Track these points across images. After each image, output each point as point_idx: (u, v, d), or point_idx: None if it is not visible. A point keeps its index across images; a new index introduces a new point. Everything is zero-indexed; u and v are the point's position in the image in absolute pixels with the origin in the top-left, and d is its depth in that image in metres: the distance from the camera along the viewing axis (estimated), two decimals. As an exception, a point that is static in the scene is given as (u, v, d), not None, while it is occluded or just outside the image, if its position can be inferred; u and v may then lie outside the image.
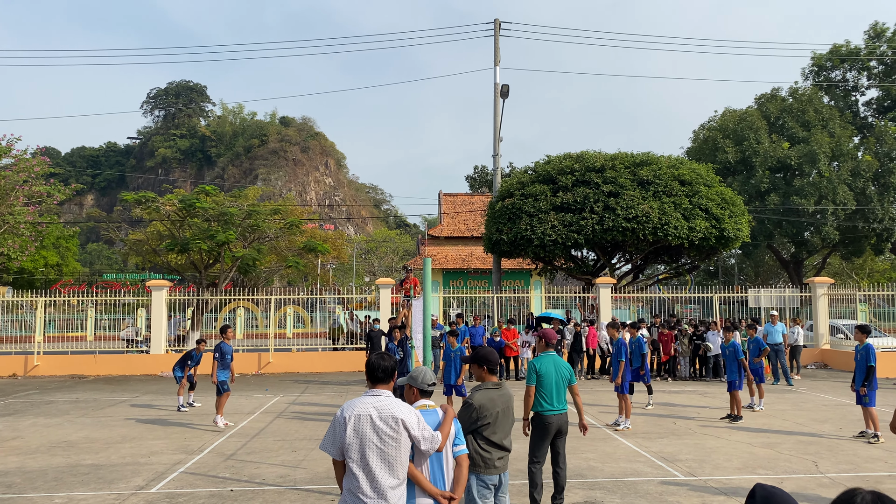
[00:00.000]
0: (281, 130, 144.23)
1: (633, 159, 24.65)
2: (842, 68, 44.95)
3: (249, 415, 13.88)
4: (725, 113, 43.49)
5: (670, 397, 16.16)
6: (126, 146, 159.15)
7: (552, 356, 7.31)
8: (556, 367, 7.21)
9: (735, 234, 23.81)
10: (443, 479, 4.43)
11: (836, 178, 38.01)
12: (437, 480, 4.42)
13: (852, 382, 11.34)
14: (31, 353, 22.31)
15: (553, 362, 7.24)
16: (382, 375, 4.33)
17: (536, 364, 7.23)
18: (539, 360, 7.30)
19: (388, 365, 4.34)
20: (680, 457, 9.94)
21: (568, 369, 7.31)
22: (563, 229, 23.21)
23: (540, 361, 7.28)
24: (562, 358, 7.44)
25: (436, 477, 4.42)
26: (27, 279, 55.33)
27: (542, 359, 7.32)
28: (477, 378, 5.52)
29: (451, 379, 13.00)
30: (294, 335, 35.74)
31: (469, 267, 36.56)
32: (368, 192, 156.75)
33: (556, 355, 7.35)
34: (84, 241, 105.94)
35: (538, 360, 7.31)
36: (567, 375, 7.26)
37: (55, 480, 8.80)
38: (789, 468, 9.23)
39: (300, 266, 30.61)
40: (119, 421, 13.26)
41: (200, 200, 26.06)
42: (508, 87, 26.93)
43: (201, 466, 9.50)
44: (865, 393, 10.91)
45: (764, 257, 51.93)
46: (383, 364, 4.34)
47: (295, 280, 63.31)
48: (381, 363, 4.34)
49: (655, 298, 26.48)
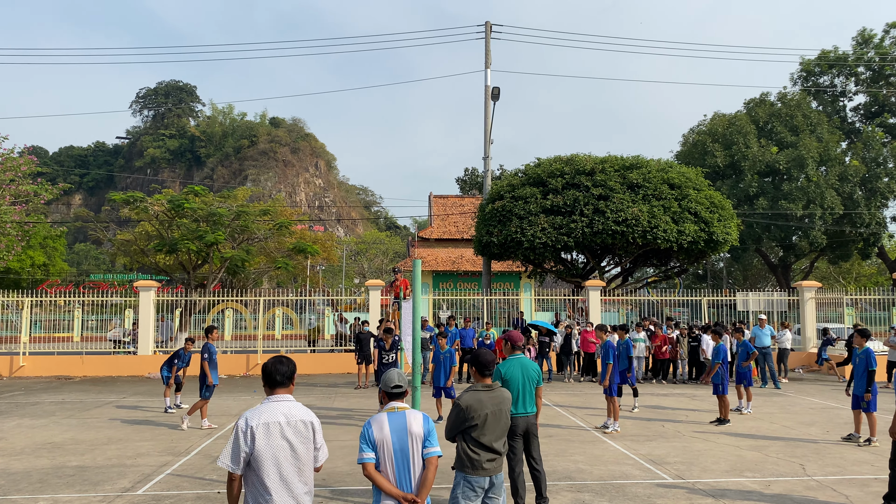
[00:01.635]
0: (271, 131, 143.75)
1: (623, 163, 24.74)
2: (830, 74, 45.35)
3: (237, 416, 13.80)
4: (715, 117, 43.76)
5: (659, 400, 16.20)
6: (115, 146, 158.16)
7: (519, 358, 7.26)
8: (522, 369, 7.17)
9: (724, 237, 23.93)
10: (409, 480, 4.43)
11: (824, 182, 38.30)
12: (403, 482, 4.42)
13: (847, 387, 11.34)
14: (17, 354, 22.10)
15: (520, 365, 7.20)
16: (281, 379, 4.27)
17: (502, 368, 7.17)
18: (505, 364, 7.24)
19: (287, 369, 4.31)
20: (668, 459, 9.96)
21: (536, 370, 7.26)
22: (553, 232, 23.25)
23: (506, 365, 7.22)
24: (529, 359, 7.40)
25: (402, 478, 4.42)
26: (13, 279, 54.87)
27: (508, 362, 7.26)
28: (475, 379, 5.52)
29: (441, 381, 12.98)
30: (283, 336, 35.59)
31: (459, 269, 36.57)
32: (359, 193, 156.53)
33: (523, 357, 7.30)
34: (71, 241, 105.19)
35: (505, 363, 7.25)
36: (535, 377, 7.22)
37: (40, 482, 8.71)
38: (777, 471, 9.26)
39: (289, 267, 30.50)
40: (105, 422, 13.15)
41: (189, 201, 25.93)
42: (499, 89, 26.98)
43: (188, 468, 9.43)
44: (870, 398, 10.88)
45: (752, 261, 52.25)
46: (281, 368, 4.28)
47: (284, 281, 63.07)
48: (279, 367, 4.28)
49: (644, 301, 26.55)
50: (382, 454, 4.43)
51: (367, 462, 4.41)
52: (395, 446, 4.43)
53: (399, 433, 4.46)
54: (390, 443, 4.43)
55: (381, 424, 4.48)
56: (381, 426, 4.47)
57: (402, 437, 4.46)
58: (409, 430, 4.49)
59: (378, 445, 4.43)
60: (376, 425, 4.48)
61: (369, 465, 4.41)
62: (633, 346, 14.14)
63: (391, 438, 4.44)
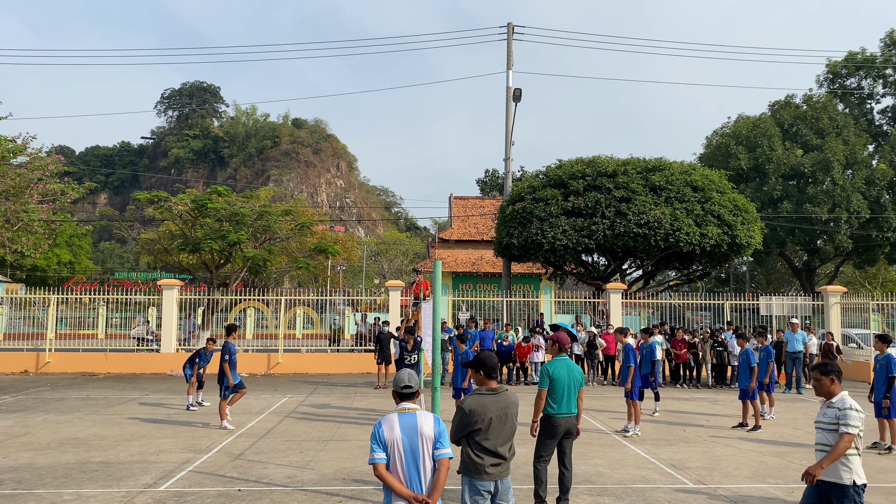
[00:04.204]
0: (293, 132, 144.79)
1: (646, 165, 24.55)
2: (857, 76, 44.64)
3: (258, 415, 13.90)
4: (739, 119, 43.28)
5: (680, 404, 16.06)
6: (139, 146, 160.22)
7: (565, 360, 7.40)
8: (568, 370, 7.32)
9: (747, 241, 23.67)
10: (419, 481, 4.44)
11: (850, 186, 37.73)
12: (413, 483, 4.43)
13: (870, 393, 11.14)
14: (43, 350, 22.44)
15: (566, 366, 7.35)
16: None
17: (550, 368, 7.31)
18: (552, 364, 7.37)
19: None
20: (689, 464, 9.87)
21: (580, 373, 7.44)
22: (574, 234, 23.14)
23: (553, 365, 7.35)
24: (573, 361, 7.51)
25: (412, 479, 4.43)
26: (40, 276, 55.80)
27: (555, 362, 7.40)
28: (477, 382, 5.38)
29: (459, 382, 13.02)
30: (303, 336, 35.78)
31: (479, 270, 36.54)
32: (379, 194, 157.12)
33: (568, 359, 7.43)
34: (97, 239, 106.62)
35: (552, 363, 7.37)
36: (578, 379, 7.38)
37: (65, 477, 8.84)
38: (800, 477, 9.13)
39: (310, 267, 30.67)
40: (128, 419, 13.31)
41: (212, 201, 26.18)
42: (521, 90, 26.92)
43: (209, 466, 9.52)
44: (888, 405, 10.71)
45: (776, 265, 51.61)
46: None
47: (305, 281, 63.43)
48: None
49: (666, 305, 26.35)
50: (393, 454, 4.44)
51: (378, 462, 4.43)
52: (405, 447, 4.44)
53: (409, 434, 4.47)
54: (401, 443, 4.44)
55: (391, 425, 4.49)
56: (391, 426, 4.49)
57: (412, 438, 4.46)
58: (420, 431, 4.49)
59: (389, 446, 4.45)
60: (387, 425, 4.49)
61: (380, 466, 4.43)
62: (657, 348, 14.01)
63: (402, 439, 4.45)
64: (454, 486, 7.86)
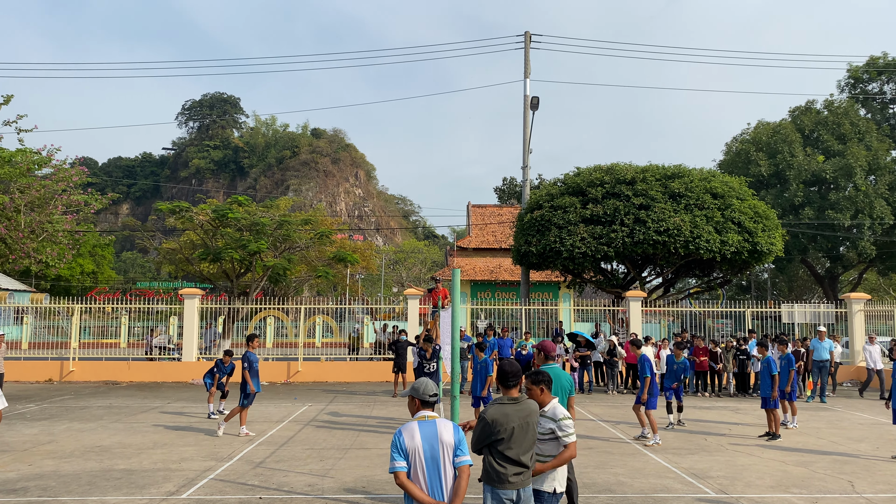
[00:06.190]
0: (312, 142, 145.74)
1: (665, 172, 24.43)
2: (879, 80, 44.15)
3: (278, 423, 13.99)
4: (759, 125, 42.97)
5: (701, 413, 15.92)
6: (161, 157, 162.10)
7: (553, 368, 7.24)
8: (556, 379, 7.13)
9: (768, 248, 23.45)
10: (441, 489, 4.45)
11: (873, 191, 37.28)
12: (435, 490, 4.44)
13: (888, 400, 11.00)
14: (67, 359, 22.74)
15: (554, 374, 7.13)
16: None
17: None
18: None
19: None
20: (711, 473, 9.79)
21: (569, 381, 7.25)
22: (593, 242, 23.06)
23: None
24: (561, 369, 7.38)
25: (433, 487, 4.44)
26: (64, 286, 56.60)
27: None
28: (501, 392, 5.38)
29: (478, 391, 13.01)
30: (323, 344, 35.93)
31: (497, 279, 36.51)
32: (397, 203, 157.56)
33: (556, 367, 7.28)
34: (119, 249, 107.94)
35: None
36: (567, 387, 7.19)
37: (89, 484, 8.96)
38: (824, 487, 9.03)
39: (329, 276, 30.82)
40: (151, 427, 13.45)
41: (233, 210, 26.43)
42: (538, 98, 26.92)
43: (231, 474, 9.59)
44: None
45: (798, 272, 51.04)
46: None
47: (324, 290, 63.67)
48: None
49: (686, 313, 26.15)
50: (414, 463, 4.46)
51: (398, 471, 4.45)
52: (426, 455, 4.46)
53: (430, 441, 4.49)
54: (422, 451, 4.46)
55: (412, 433, 4.51)
56: (412, 435, 4.50)
57: (433, 446, 4.48)
58: (441, 439, 4.51)
59: (410, 454, 4.46)
60: (407, 434, 4.51)
61: (401, 474, 4.44)
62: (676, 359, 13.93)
63: (423, 447, 4.46)
64: (473, 494, 7.86)
